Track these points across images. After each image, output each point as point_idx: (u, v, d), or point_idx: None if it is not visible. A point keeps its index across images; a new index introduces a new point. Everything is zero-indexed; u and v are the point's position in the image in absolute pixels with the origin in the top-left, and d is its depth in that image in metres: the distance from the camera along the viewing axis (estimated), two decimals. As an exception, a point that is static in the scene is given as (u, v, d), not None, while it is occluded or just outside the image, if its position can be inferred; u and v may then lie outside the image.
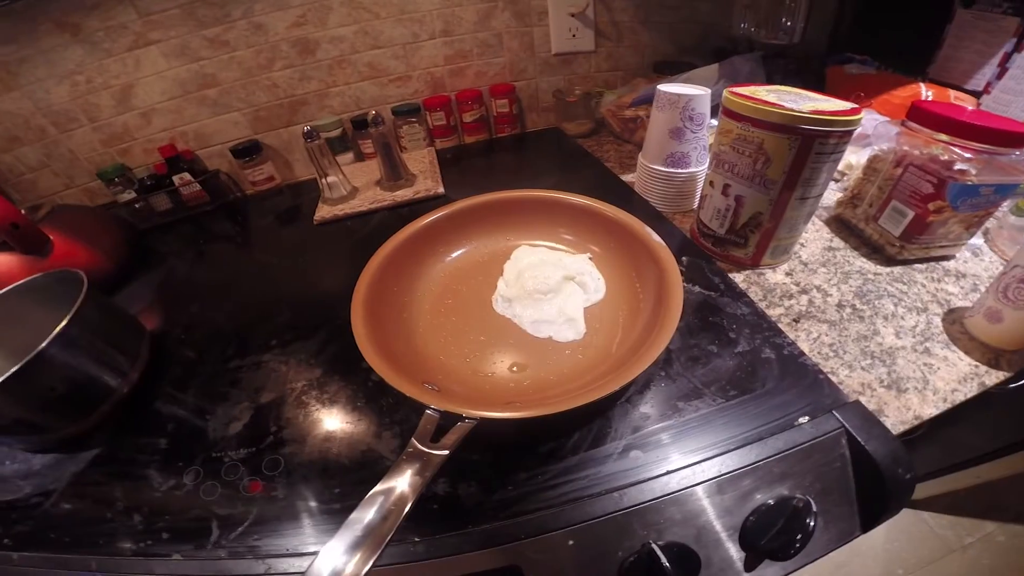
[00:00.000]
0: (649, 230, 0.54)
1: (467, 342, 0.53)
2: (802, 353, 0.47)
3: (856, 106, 0.48)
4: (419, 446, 0.36)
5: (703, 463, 0.39)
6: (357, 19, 0.86)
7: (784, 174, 0.50)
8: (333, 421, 0.49)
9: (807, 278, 0.58)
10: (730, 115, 0.53)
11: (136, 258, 0.82)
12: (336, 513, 0.40)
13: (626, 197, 0.75)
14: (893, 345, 0.49)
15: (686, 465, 0.39)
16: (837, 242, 0.63)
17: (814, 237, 0.64)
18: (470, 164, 0.98)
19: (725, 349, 0.49)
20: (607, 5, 0.94)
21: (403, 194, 0.82)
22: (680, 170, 0.69)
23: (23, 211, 0.69)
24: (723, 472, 0.38)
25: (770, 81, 0.89)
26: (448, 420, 0.38)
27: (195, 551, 0.39)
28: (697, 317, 0.53)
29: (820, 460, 0.40)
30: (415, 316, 0.56)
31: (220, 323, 0.66)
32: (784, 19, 0.95)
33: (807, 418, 0.41)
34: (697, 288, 0.56)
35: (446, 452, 0.36)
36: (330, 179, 0.81)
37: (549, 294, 0.55)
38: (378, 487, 0.33)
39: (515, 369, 0.50)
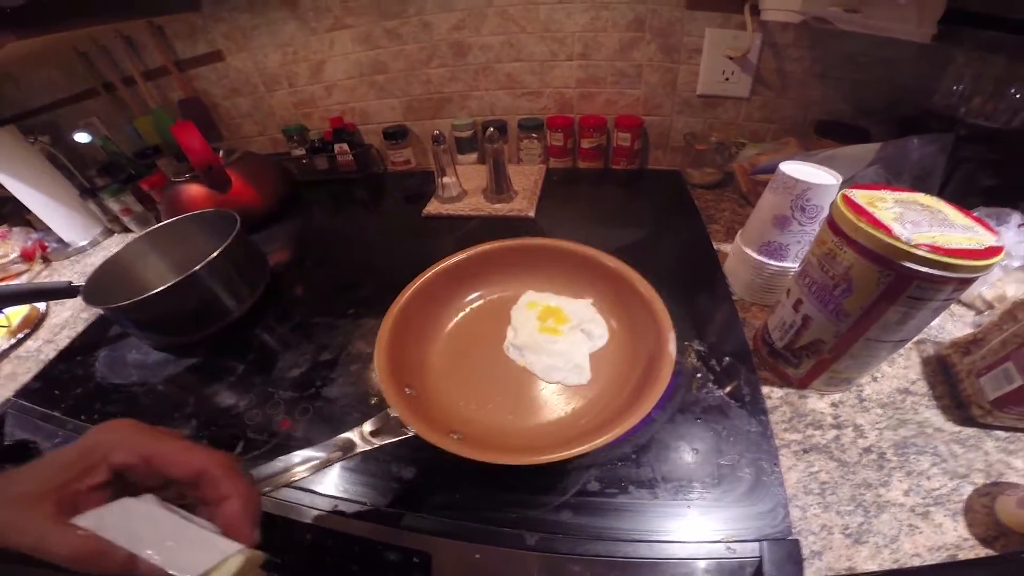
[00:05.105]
0: (670, 333, 0.49)
1: (464, 378, 0.57)
2: (781, 483, 0.44)
3: (998, 245, 0.38)
4: (364, 431, 0.44)
5: (615, 543, 0.41)
6: (506, 30, 0.91)
7: (861, 310, 0.43)
8: (360, 393, 0.58)
9: (852, 415, 0.51)
10: (831, 224, 0.45)
11: (288, 203, 1.01)
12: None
13: (707, 273, 0.70)
14: (892, 500, 0.43)
15: (598, 538, 0.41)
16: (919, 386, 0.53)
17: (895, 374, 0.55)
18: (573, 191, 0.98)
19: (707, 457, 0.47)
20: (777, 51, 0.84)
21: (499, 208, 0.87)
22: (773, 262, 0.62)
23: (220, 153, 0.90)
24: (627, 556, 0.40)
25: (952, 175, 0.74)
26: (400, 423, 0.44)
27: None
28: (701, 419, 0.50)
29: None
30: (434, 342, 0.61)
31: (321, 279, 0.81)
32: (1014, 91, 0.75)
33: (736, 542, 0.40)
34: (719, 392, 0.53)
35: (374, 445, 0.43)
36: (446, 179, 0.89)
37: (557, 342, 0.57)
38: (328, 441, 0.43)
39: (505, 410, 0.53)
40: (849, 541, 0.41)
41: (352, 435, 0.43)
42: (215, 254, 0.65)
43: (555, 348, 0.56)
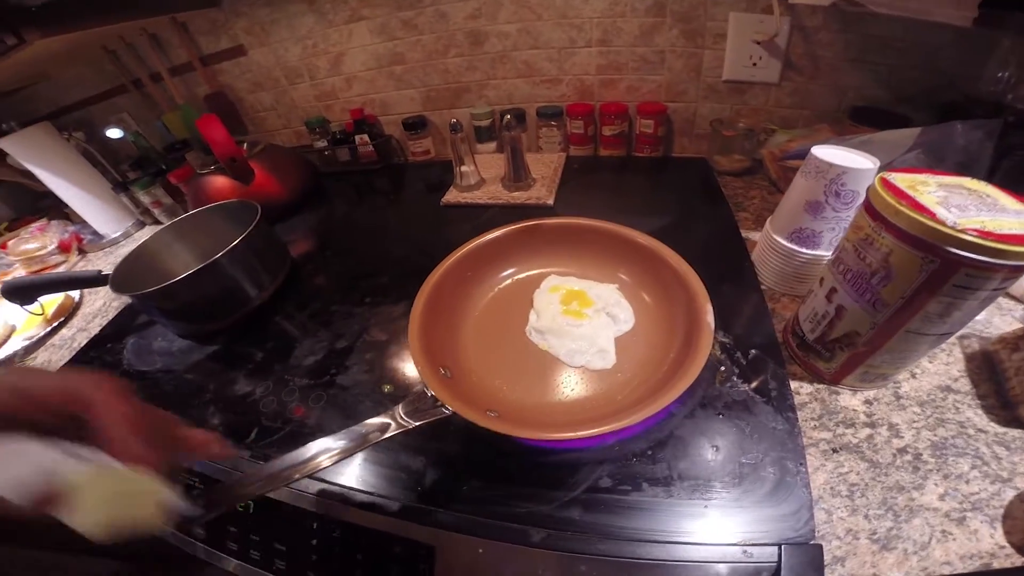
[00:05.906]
0: (707, 305, 0.49)
1: (495, 358, 0.57)
2: (807, 484, 0.42)
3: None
4: (399, 412, 0.43)
5: (626, 542, 0.39)
6: (522, 18, 0.89)
7: (901, 300, 0.40)
8: (374, 380, 0.58)
9: (888, 413, 0.48)
10: (868, 208, 0.42)
11: (310, 195, 1.02)
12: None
13: (735, 261, 0.67)
14: (926, 504, 0.40)
15: (608, 537, 0.40)
16: (962, 383, 0.49)
17: (937, 370, 0.51)
18: (593, 179, 0.96)
19: (728, 454, 0.45)
20: (807, 36, 0.80)
21: (517, 196, 0.86)
22: (804, 250, 0.59)
23: (244, 146, 0.91)
24: (637, 556, 0.38)
25: (999, 164, 0.69)
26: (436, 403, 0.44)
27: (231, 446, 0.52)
28: (724, 414, 0.48)
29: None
30: (464, 321, 0.61)
31: (340, 268, 0.81)
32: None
33: (753, 546, 0.38)
34: (745, 387, 0.50)
35: (411, 425, 0.42)
36: (464, 168, 0.89)
37: (581, 325, 0.55)
38: (358, 425, 0.42)
39: (536, 391, 0.53)
40: (876, 547, 0.39)
41: (387, 417, 0.43)
42: (236, 242, 0.66)
43: (578, 332, 0.55)
